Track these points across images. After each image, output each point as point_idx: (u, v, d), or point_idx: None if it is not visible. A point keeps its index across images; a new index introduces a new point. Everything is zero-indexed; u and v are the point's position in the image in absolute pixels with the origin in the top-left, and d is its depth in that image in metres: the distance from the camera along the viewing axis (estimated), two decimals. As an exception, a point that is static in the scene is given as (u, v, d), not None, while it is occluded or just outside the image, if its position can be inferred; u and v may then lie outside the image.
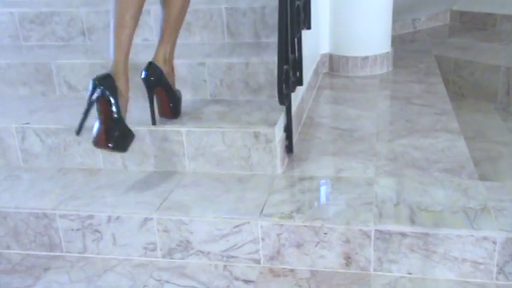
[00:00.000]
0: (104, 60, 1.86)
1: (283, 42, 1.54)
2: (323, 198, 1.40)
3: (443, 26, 3.66)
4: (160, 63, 1.57)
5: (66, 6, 2.12)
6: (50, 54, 1.98)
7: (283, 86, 1.55)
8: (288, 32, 1.57)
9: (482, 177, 1.57)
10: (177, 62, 1.77)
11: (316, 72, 2.44)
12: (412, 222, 1.25)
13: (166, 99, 1.62)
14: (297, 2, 1.74)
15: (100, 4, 2.12)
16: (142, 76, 1.55)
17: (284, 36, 1.54)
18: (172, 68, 1.62)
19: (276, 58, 1.57)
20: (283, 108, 1.64)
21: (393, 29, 2.64)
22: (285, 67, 1.54)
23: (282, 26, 1.54)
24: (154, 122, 1.61)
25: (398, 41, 3.21)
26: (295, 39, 1.71)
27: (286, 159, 1.65)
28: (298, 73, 1.80)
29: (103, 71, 1.84)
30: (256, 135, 1.54)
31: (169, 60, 1.60)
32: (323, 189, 1.46)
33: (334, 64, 2.62)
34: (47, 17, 2.11)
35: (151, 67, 1.56)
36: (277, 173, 1.56)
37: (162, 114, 1.65)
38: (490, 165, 1.95)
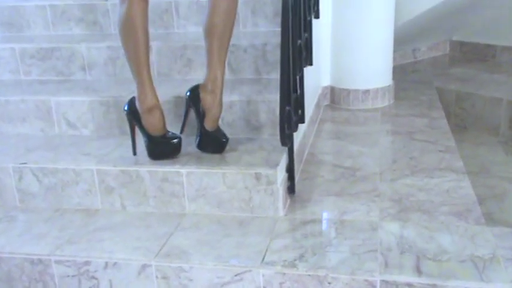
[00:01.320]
0: (104, 98, 1.84)
1: (285, 82, 1.53)
2: (327, 244, 1.36)
3: (443, 56, 3.66)
4: (205, 90, 1.60)
5: (67, 42, 2.11)
6: (50, 90, 1.96)
7: (286, 126, 1.53)
8: (290, 71, 1.55)
9: (488, 217, 1.54)
10: (179, 99, 1.76)
11: (317, 105, 2.42)
12: (419, 272, 1.21)
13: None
14: (299, 41, 1.73)
15: (101, 40, 2.12)
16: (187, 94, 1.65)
17: (286, 76, 1.53)
18: (218, 101, 1.60)
19: (277, 96, 1.56)
20: (285, 147, 1.61)
21: (393, 58, 2.63)
22: (287, 108, 1.52)
23: (284, 66, 1.52)
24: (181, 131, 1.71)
25: (399, 71, 3.21)
26: (297, 78, 1.69)
27: (288, 201, 1.62)
28: (300, 111, 1.78)
29: (103, 108, 1.84)
30: (258, 177, 1.51)
31: (213, 89, 1.59)
32: (326, 234, 1.42)
33: (335, 97, 2.61)
34: (47, 52, 2.11)
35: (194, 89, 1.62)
36: (279, 216, 1.53)
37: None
38: (495, 203, 1.91)
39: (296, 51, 1.65)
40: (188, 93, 1.65)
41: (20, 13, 2.36)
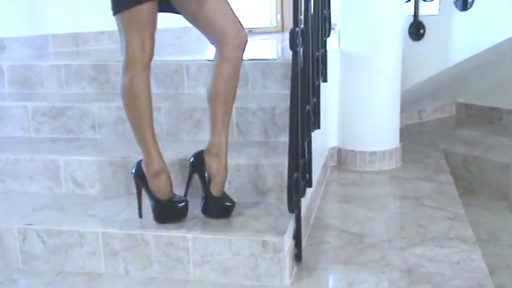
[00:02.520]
0: (113, 158, 1.85)
1: (293, 149, 1.53)
2: (334, 318, 1.32)
3: (449, 118, 3.69)
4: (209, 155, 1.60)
5: (79, 101, 2.15)
6: (59, 149, 1.98)
7: (294, 193, 1.52)
8: (298, 138, 1.57)
9: (501, 291, 1.50)
10: (187, 161, 1.77)
11: (324, 166, 2.43)
12: None
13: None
14: (308, 106, 1.75)
15: (112, 99, 2.16)
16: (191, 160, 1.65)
17: (295, 143, 1.54)
18: (224, 165, 1.61)
19: (285, 160, 1.56)
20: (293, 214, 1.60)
21: (399, 119, 2.66)
22: (295, 175, 1.52)
23: (293, 133, 1.54)
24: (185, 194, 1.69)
25: (405, 132, 3.23)
26: (305, 143, 1.70)
27: (295, 268, 1.59)
28: (307, 175, 1.78)
29: (111, 169, 1.85)
30: (264, 245, 1.49)
31: (218, 154, 1.60)
32: (334, 307, 1.38)
33: (342, 158, 2.62)
34: (59, 111, 2.14)
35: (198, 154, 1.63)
36: (286, 285, 1.50)
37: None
38: (507, 274, 1.87)
39: (304, 116, 1.67)
40: (192, 159, 1.65)
41: (34, 72, 2.42)
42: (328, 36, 2.38)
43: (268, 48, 3.18)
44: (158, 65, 2.23)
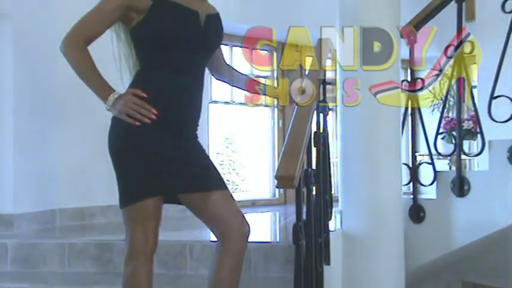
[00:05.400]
0: None
1: None
2: None
3: (458, 297, 3.56)
4: None
5: (80, 284, 2.13)
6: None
7: None
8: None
9: None
10: None
11: None
12: None
13: None
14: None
15: (112, 281, 2.12)
16: None
17: None
18: None
19: None
20: None
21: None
22: None
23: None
24: None
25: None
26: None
27: None
28: None
29: None
30: None
31: None
32: None
33: None
34: (58, 294, 2.10)
35: None
36: None
37: None
38: None
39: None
40: None
41: (38, 250, 2.43)
42: (330, 219, 2.43)
43: (271, 225, 3.23)
44: (162, 245, 2.23)
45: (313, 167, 1.98)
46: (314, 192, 1.92)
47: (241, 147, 9.59)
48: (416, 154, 3.09)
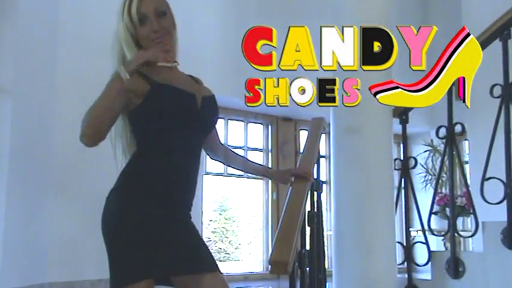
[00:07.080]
0: None
1: None
2: None
3: None
4: None
5: None
6: None
7: None
8: None
9: None
10: None
11: None
12: None
13: None
14: None
15: None
16: None
17: None
18: None
19: None
20: None
21: None
22: None
23: None
24: None
25: None
26: None
27: None
28: None
29: None
30: None
31: None
32: None
33: None
34: None
35: None
36: None
37: None
38: None
39: None
40: None
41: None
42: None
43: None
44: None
45: (307, 246, 1.96)
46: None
47: (235, 214, 9.51)
48: (411, 229, 3.07)
